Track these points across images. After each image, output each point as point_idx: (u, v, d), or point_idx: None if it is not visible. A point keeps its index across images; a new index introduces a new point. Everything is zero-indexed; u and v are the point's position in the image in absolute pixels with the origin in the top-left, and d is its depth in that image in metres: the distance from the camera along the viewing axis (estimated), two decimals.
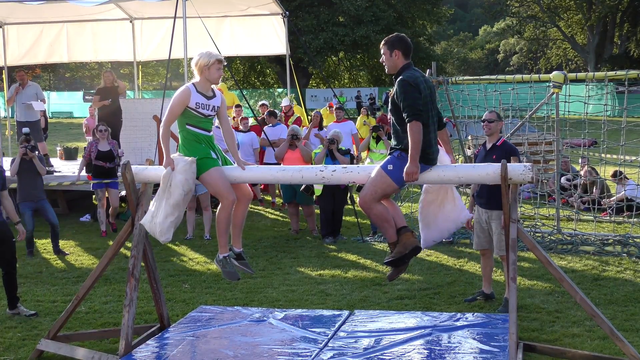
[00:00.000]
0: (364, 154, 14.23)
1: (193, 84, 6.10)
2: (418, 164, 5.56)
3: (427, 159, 5.71)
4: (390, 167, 5.73)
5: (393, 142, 5.89)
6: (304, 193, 11.24)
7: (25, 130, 11.78)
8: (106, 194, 11.93)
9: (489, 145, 7.88)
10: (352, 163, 11.11)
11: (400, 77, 5.71)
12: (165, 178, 5.97)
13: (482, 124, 8.04)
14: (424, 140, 5.60)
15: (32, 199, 10.57)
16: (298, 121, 15.36)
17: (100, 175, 11.83)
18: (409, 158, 5.55)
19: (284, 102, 16.32)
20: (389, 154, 5.88)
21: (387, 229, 5.91)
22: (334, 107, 15.97)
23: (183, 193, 5.97)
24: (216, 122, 6.47)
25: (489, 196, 7.67)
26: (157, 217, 6.05)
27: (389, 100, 5.91)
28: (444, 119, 11.33)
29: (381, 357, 5.95)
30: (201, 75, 6.09)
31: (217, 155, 6.14)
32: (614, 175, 13.10)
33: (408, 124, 5.55)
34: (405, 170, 5.56)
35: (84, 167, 12.36)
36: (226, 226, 6.19)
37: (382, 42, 5.91)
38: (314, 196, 11.55)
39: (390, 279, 6.21)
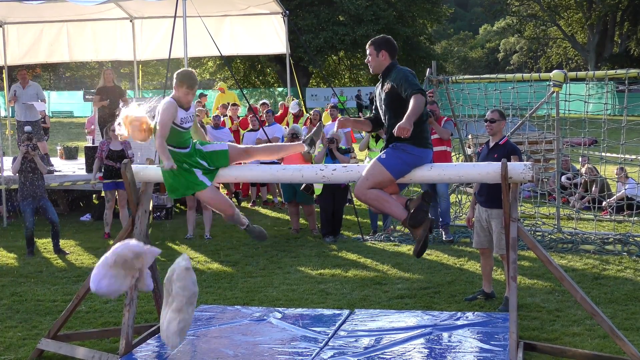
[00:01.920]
0: (363, 154, 14.20)
1: (174, 98, 6.04)
2: (412, 124, 5.42)
3: (425, 143, 5.76)
4: (383, 155, 5.73)
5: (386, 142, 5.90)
6: (304, 193, 11.23)
7: (28, 128, 11.75)
8: (116, 194, 11.84)
9: (491, 144, 7.87)
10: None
11: (400, 67, 5.82)
12: (167, 285, 5.86)
13: (484, 123, 8.01)
14: (423, 127, 5.74)
15: (33, 197, 10.57)
16: (308, 121, 15.31)
17: (110, 176, 11.66)
18: (405, 117, 5.43)
19: (293, 108, 16.18)
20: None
21: (390, 207, 5.76)
22: (329, 106, 15.96)
23: (185, 298, 5.78)
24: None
25: (488, 195, 7.66)
26: (163, 325, 5.90)
27: (383, 95, 5.85)
28: (445, 118, 11.38)
29: (381, 356, 5.95)
30: (180, 90, 6.04)
31: (206, 162, 6.11)
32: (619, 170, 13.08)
33: (413, 95, 5.52)
34: (398, 125, 5.39)
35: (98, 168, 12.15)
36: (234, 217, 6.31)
37: (369, 43, 5.96)
38: (314, 195, 11.54)
39: (418, 253, 5.80)
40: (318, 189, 11.17)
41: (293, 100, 16.60)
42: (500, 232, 7.55)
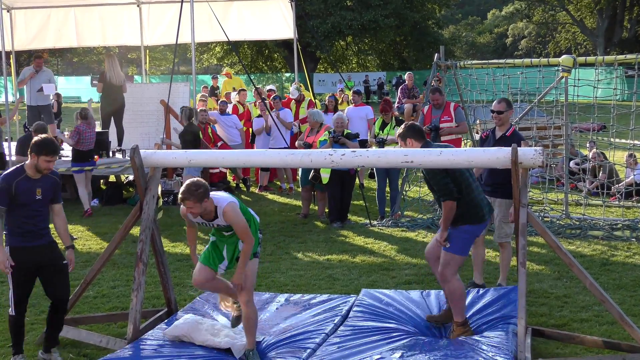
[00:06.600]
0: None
1: None
2: (447, 233, 6.18)
3: (479, 218, 6.27)
4: (447, 245, 6.22)
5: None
6: (312, 181, 11.23)
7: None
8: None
9: (498, 134, 7.75)
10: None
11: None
12: None
13: (491, 114, 7.91)
14: (470, 201, 6.18)
15: None
16: (311, 104, 15.26)
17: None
18: (441, 228, 6.24)
19: (293, 93, 16.13)
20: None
21: (458, 306, 6.20)
22: (351, 91, 15.85)
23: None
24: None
25: (494, 184, 7.57)
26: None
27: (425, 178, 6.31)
28: (453, 104, 11.26)
29: (389, 340, 5.95)
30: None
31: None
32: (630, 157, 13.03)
33: (443, 202, 6.12)
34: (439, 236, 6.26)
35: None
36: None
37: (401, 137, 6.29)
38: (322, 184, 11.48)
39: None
40: (325, 177, 11.11)
41: (293, 85, 16.56)
42: (502, 221, 7.59)
